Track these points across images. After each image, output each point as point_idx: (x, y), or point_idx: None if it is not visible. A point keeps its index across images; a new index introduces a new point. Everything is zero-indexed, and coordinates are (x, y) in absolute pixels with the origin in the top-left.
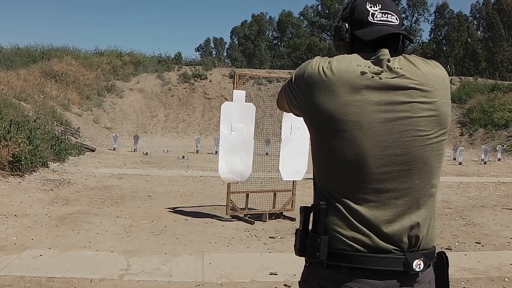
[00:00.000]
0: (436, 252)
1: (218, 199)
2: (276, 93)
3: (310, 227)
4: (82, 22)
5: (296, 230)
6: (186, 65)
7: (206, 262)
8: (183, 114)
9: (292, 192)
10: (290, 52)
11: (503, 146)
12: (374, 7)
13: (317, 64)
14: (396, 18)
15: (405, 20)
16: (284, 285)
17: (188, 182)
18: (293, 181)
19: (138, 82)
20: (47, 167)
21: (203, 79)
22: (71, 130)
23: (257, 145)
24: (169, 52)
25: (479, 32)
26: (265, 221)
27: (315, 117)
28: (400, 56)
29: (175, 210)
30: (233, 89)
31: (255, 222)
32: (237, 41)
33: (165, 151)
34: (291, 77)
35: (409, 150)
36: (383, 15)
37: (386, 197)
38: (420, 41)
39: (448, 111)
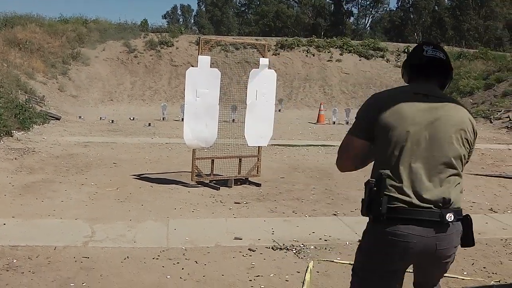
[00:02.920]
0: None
1: (184, 166)
2: (242, 60)
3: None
4: None
5: (362, 199)
6: (152, 32)
7: (171, 227)
8: (149, 81)
9: (258, 158)
10: (257, 19)
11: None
12: (427, 47)
13: (379, 94)
14: (443, 55)
15: None
16: (249, 249)
17: (154, 149)
18: (259, 146)
19: (104, 50)
20: (11, 136)
21: (170, 46)
22: (36, 99)
23: (224, 112)
24: (135, 19)
25: (446, 0)
26: (231, 187)
27: (381, 127)
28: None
29: (141, 177)
30: (198, 54)
31: (221, 188)
32: (204, 8)
33: (131, 118)
34: (359, 112)
35: (443, 142)
36: (433, 51)
37: (428, 173)
38: (387, 9)
39: (470, 138)
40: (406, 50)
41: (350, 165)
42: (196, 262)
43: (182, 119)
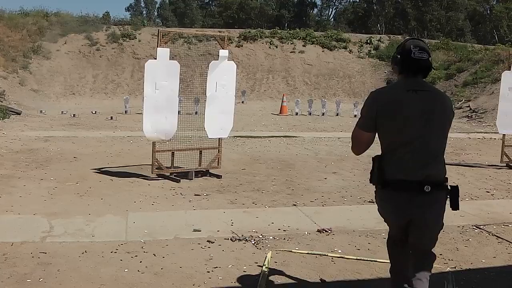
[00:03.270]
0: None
1: (145, 159)
2: (206, 52)
3: (378, 168)
4: None
5: (371, 171)
6: (114, 25)
7: (130, 221)
8: (112, 74)
9: (218, 150)
10: (221, 11)
11: None
12: (414, 48)
13: (380, 90)
14: (427, 55)
15: None
16: (208, 241)
17: (115, 143)
18: (219, 138)
19: (65, 43)
20: None
21: (132, 39)
22: None
23: (187, 104)
24: (97, 12)
25: None
26: (192, 179)
27: (384, 115)
28: (426, 83)
29: (101, 171)
30: (157, 47)
31: (181, 180)
32: (168, 1)
33: (94, 112)
34: (364, 107)
35: (430, 126)
36: (420, 53)
37: (418, 153)
38: (351, 1)
39: (449, 115)
40: (368, 41)
41: (362, 151)
42: (155, 255)
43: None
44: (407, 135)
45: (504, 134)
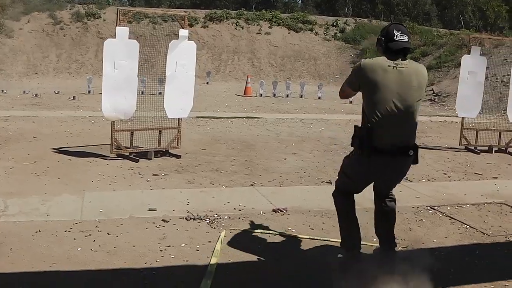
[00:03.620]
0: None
1: (105, 139)
2: (171, 32)
3: (361, 136)
4: None
5: (352, 136)
6: (79, 4)
7: (86, 200)
8: (76, 54)
9: (178, 130)
10: None
11: None
12: (397, 32)
13: (368, 60)
14: (407, 37)
15: None
16: (162, 220)
17: (76, 123)
18: (179, 118)
19: (28, 21)
20: None
21: (97, 18)
22: None
23: (151, 84)
24: None
25: None
26: (151, 159)
27: (369, 83)
28: (407, 60)
29: (60, 151)
30: (116, 25)
31: (141, 160)
32: None
33: (56, 92)
34: (353, 71)
35: (407, 99)
36: (401, 36)
37: (398, 122)
38: None
39: (424, 85)
40: (334, 24)
41: (345, 98)
42: (108, 234)
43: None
44: (389, 105)
45: (463, 118)
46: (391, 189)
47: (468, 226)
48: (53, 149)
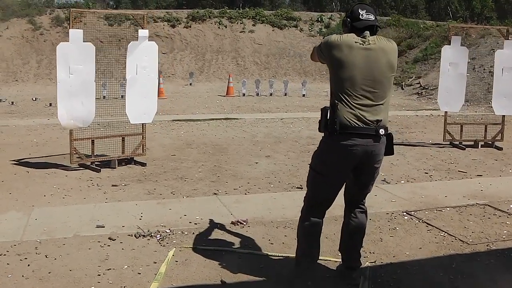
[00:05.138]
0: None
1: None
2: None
3: (328, 116)
4: None
5: (319, 120)
6: (59, 8)
7: (32, 218)
8: (56, 59)
9: (142, 136)
10: None
11: None
12: (362, 11)
13: (335, 36)
14: (373, 16)
15: None
16: (109, 238)
17: (46, 131)
18: (143, 124)
19: (7, 28)
20: None
21: (78, 22)
22: None
23: (114, 89)
24: None
25: None
26: (115, 168)
27: (333, 61)
28: (375, 36)
29: (20, 162)
30: (70, 28)
31: (103, 169)
32: None
33: (34, 99)
34: (321, 43)
35: (375, 76)
36: (367, 15)
37: (366, 101)
38: None
39: (394, 62)
40: (319, 19)
41: (315, 61)
42: (46, 257)
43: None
44: (355, 83)
45: (446, 111)
46: (364, 192)
47: (446, 234)
48: (13, 160)
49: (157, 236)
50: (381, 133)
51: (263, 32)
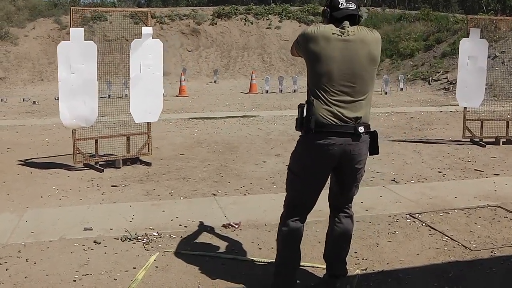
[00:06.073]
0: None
1: (82, 147)
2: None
3: (304, 114)
4: None
5: (296, 118)
6: (85, 7)
7: (23, 220)
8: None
9: (148, 135)
10: None
11: (407, 75)
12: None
13: (311, 28)
14: (354, 5)
15: None
16: (94, 241)
17: (60, 131)
18: (148, 123)
19: (34, 28)
20: None
21: (103, 21)
22: None
23: (118, 87)
24: None
25: None
26: (119, 168)
27: (309, 54)
28: (356, 26)
29: (26, 162)
30: (70, 27)
31: (107, 169)
32: None
33: (56, 98)
34: (298, 37)
35: (354, 70)
36: (347, 4)
37: (344, 97)
38: None
39: (376, 54)
40: None
41: (294, 56)
42: (27, 261)
43: (109, 96)
44: (332, 77)
45: (465, 107)
46: (348, 194)
47: (449, 239)
48: (20, 160)
49: (144, 239)
50: (361, 131)
51: (289, 28)
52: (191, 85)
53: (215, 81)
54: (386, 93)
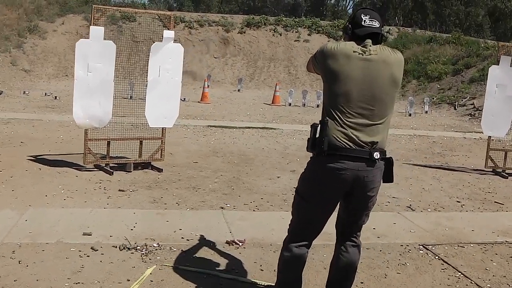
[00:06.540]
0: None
1: (95, 146)
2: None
3: (317, 134)
4: None
5: (308, 139)
6: (115, 7)
7: (23, 218)
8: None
9: (162, 141)
10: None
11: (433, 98)
12: (365, 16)
13: (331, 45)
14: (378, 23)
15: None
16: (91, 248)
17: (76, 128)
18: (163, 128)
19: (63, 23)
20: None
21: (132, 22)
22: None
23: (140, 89)
24: None
25: None
26: (130, 171)
27: (327, 72)
28: (378, 45)
29: (37, 159)
30: (91, 25)
31: (117, 172)
32: None
33: None
34: (316, 52)
35: (374, 92)
36: (370, 21)
37: (361, 120)
38: None
39: (399, 76)
40: None
41: (311, 72)
42: (19, 263)
43: (131, 97)
44: (350, 98)
45: (490, 136)
46: (357, 222)
47: (461, 275)
48: (31, 156)
49: (143, 250)
50: (376, 157)
51: (318, 42)
52: (215, 92)
53: (239, 90)
54: (410, 115)
